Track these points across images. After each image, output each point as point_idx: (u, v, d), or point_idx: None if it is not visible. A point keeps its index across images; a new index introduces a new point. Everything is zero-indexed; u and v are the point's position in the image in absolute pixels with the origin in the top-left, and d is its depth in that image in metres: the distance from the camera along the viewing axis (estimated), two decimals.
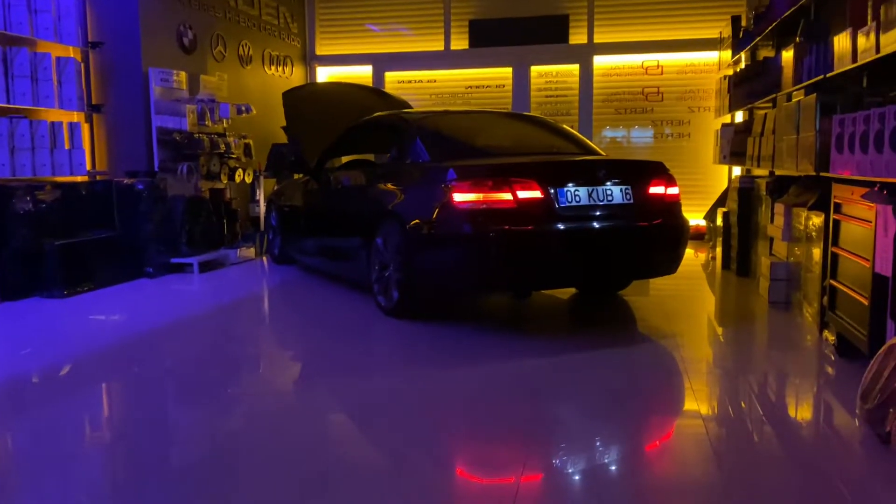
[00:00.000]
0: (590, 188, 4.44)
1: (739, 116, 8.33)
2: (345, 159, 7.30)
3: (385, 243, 4.97)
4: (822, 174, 4.19)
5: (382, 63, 10.06)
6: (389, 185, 5.05)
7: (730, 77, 7.81)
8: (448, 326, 4.60)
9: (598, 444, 2.81)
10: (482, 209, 4.24)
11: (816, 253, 4.37)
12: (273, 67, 9.31)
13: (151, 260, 6.60)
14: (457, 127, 5.40)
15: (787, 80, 5.26)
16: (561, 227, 4.29)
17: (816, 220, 4.38)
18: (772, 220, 5.44)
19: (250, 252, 7.77)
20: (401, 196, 4.86)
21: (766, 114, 6.04)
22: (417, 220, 4.61)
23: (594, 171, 4.48)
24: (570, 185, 4.39)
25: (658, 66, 9.47)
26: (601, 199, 4.46)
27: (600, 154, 5.34)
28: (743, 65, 7.62)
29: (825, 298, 4.05)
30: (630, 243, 4.55)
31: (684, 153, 9.38)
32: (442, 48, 9.87)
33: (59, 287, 5.65)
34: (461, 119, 5.62)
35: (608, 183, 4.50)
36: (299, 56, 10.02)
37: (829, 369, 3.81)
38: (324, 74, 10.27)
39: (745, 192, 6.34)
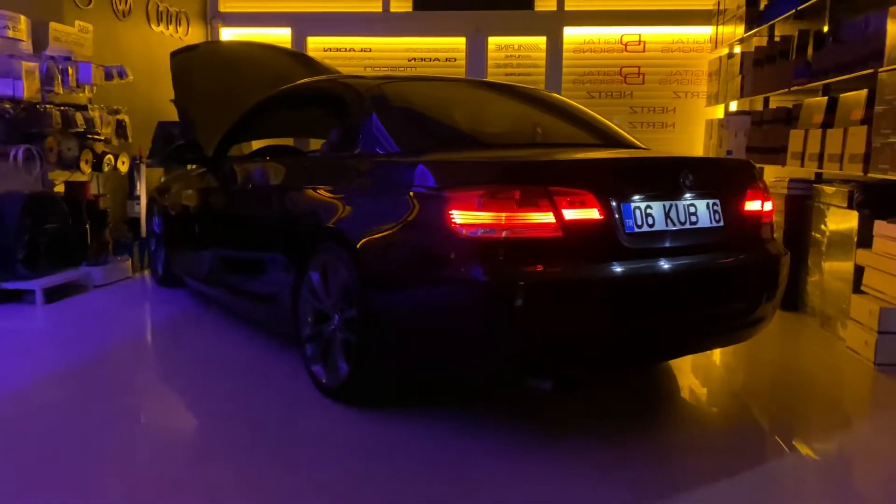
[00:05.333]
0: (666, 203, 2.74)
1: (735, 105, 6.87)
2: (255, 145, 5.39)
3: (325, 282, 3.13)
4: None
5: (304, 24, 8.07)
6: (329, 190, 3.21)
7: (745, 54, 6.32)
8: (437, 426, 2.82)
9: None
10: (503, 239, 2.47)
11: None
12: (163, 24, 7.19)
13: None
14: (435, 101, 3.57)
15: None
16: (630, 268, 2.58)
17: None
18: (867, 245, 3.91)
19: (126, 267, 5.73)
20: (350, 207, 3.04)
21: (835, 99, 4.52)
22: (383, 250, 2.81)
23: (674, 176, 2.78)
24: (639, 198, 2.68)
25: (640, 41, 7.91)
26: (682, 220, 2.77)
27: (643, 147, 3.67)
28: (764, 41, 6.12)
29: None
30: (723, 293, 2.87)
31: (668, 147, 7.86)
32: (380, 9, 7.99)
33: None
34: (437, 89, 3.77)
35: (688, 195, 2.82)
36: (198, 12, 7.91)
37: None
38: (229, 37, 8.20)
39: (796, 201, 4.81)
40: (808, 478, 2.52)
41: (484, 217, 2.48)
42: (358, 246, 2.85)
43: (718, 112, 7.38)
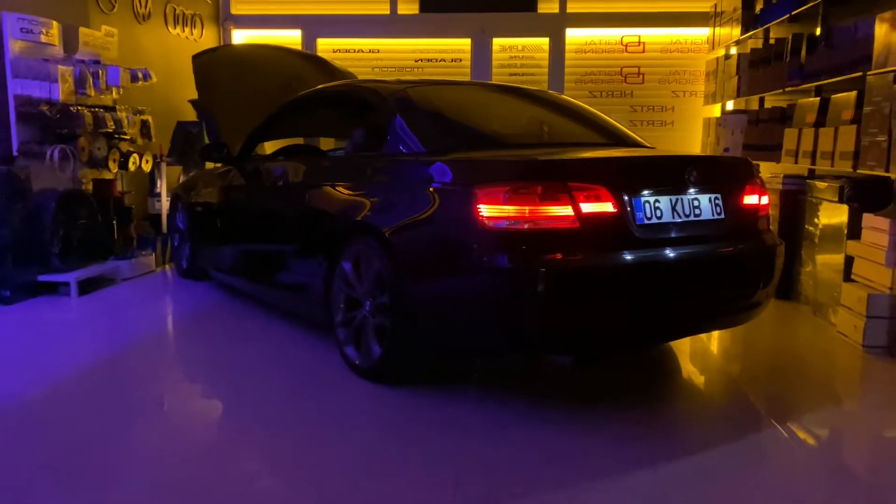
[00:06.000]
0: (673, 198, 3.02)
1: (731, 104, 7.15)
2: (268, 146, 5.63)
3: (357, 271, 3.40)
4: None
5: (314, 27, 8.33)
6: (359, 187, 3.48)
7: (741, 56, 6.59)
8: (465, 399, 3.09)
9: None
10: (526, 230, 2.74)
11: None
12: (179, 27, 7.44)
13: (9, 278, 4.77)
14: (455, 104, 3.83)
15: (891, 55, 3.99)
16: (641, 256, 2.85)
17: None
18: (856, 237, 4.19)
19: (149, 261, 5.98)
20: (381, 203, 3.30)
21: (827, 99, 4.80)
22: (414, 242, 3.07)
23: (680, 173, 3.05)
24: (648, 193, 2.95)
25: (639, 42, 8.18)
26: (687, 213, 3.05)
27: (648, 146, 3.94)
28: (759, 43, 6.41)
29: None
30: (723, 279, 3.15)
31: (667, 144, 8.14)
32: (387, 11, 8.25)
33: None
34: (457, 92, 4.04)
35: (692, 190, 3.09)
36: (211, 15, 8.16)
37: None
38: (240, 39, 8.45)
39: (791, 195, 5.09)
40: (799, 449, 2.79)
41: (509, 210, 2.75)
42: (391, 239, 3.12)
43: (716, 111, 7.67)
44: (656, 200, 2.95)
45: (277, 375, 3.46)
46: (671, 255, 2.93)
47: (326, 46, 8.38)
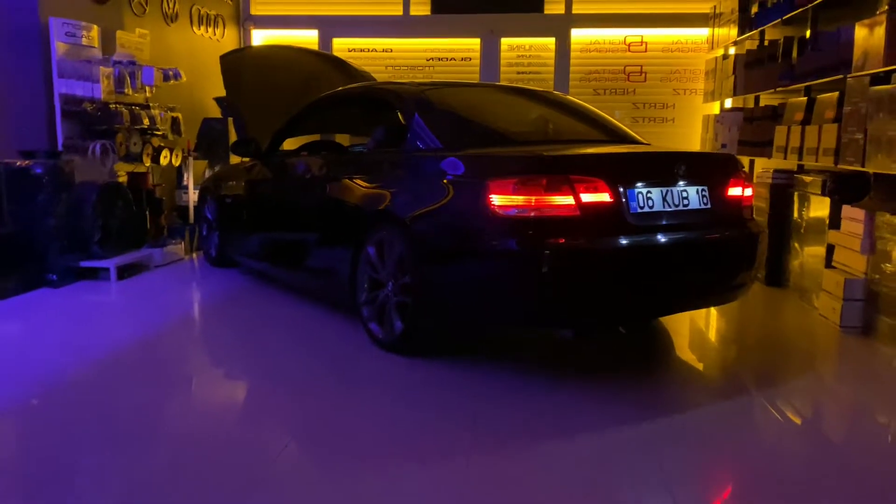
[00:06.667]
0: (663, 189, 3.39)
1: (729, 102, 7.50)
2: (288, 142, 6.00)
3: (380, 255, 3.79)
4: None
5: (330, 27, 8.70)
6: (382, 179, 3.87)
7: (737, 56, 6.94)
8: (477, 369, 3.48)
9: None
10: (532, 217, 3.12)
11: None
12: (203, 27, 7.82)
13: (54, 264, 5.17)
14: (469, 104, 4.21)
15: (868, 59, 4.34)
16: (634, 241, 3.23)
17: None
18: (837, 227, 4.55)
19: (179, 249, 6.37)
20: (402, 194, 3.69)
21: (813, 99, 5.16)
22: (432, 228, 3.45)
23: (670, 167, 3.43)
24: (641, 185, 3.32)
25: (642, 42, 8.52)
26: (676, 203, 3.42)
27: (644, 142, 4.30)
28: (755, 44, 6.75)
29: None
30: (709, 262, 3.53)
31: (668, 140, 8.50)
32: (400, 13, 8.61)
33: None
34: (471, 93, 4.42)
35: (681, 182, 3.46)
36: (232, 15, 8.54)
37: None
38: (259, 38, 8.83)
39: (779, 189, 5.45)
40: (778, 415, 3.17)
41: (517, 200, 3.12)
42: (411, 225, 3.50)
43: (715, 108, 8.01)
44: (648, 192, 3.32)
45: (305, 350, 3.86)
46: (661, 240, 3.31)
47: (342, 46, 8.76)
